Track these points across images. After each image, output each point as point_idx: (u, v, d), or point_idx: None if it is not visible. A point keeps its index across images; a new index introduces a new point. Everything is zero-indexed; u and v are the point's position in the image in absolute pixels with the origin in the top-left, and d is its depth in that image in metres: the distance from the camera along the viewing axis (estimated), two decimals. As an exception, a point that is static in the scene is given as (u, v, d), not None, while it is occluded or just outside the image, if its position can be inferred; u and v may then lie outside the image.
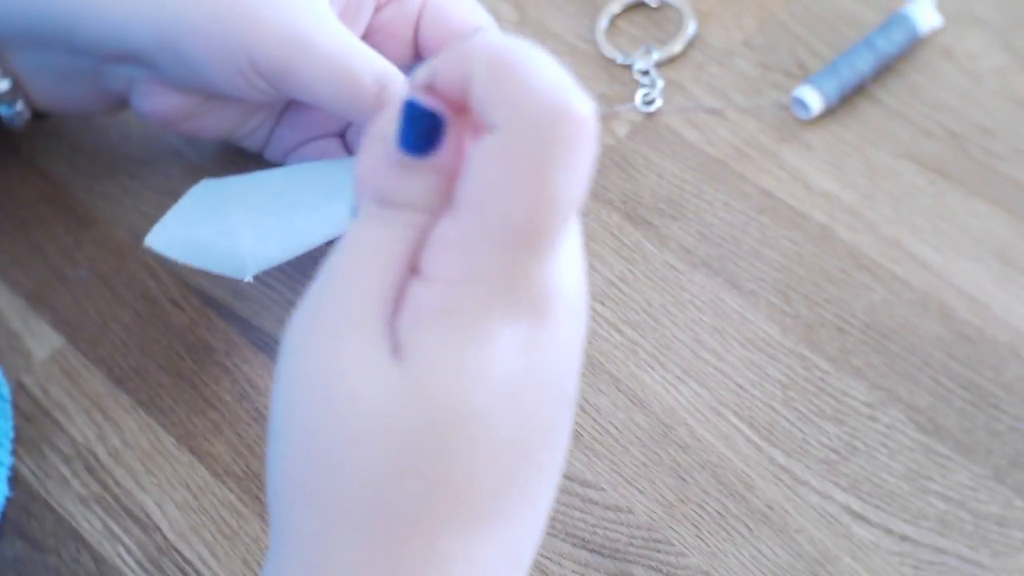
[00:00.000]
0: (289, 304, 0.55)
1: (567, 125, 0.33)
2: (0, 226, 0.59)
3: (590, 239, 0.56)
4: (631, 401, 0.52)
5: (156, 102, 0.53)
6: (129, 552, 0.50)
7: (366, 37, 0.53)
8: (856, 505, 0.49)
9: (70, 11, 0.50)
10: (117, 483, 0.51)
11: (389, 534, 0.34)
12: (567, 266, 0.35)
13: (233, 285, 0.56)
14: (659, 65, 0.60)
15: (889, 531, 0.48)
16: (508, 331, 0.34)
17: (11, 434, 0.52)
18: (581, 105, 0.33)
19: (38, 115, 0.56)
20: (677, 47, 0.61)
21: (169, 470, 0.51)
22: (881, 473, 0.49)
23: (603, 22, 0.62)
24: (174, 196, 0.59)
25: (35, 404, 0.53)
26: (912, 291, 0.54)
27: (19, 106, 0.55)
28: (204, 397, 0.53)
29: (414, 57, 0.54)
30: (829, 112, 0.59)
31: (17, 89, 0.54)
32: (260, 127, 0.56)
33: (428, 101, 0.35)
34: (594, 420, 0.51)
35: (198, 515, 0.50)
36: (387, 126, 0.36)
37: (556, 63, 0.34)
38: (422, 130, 0.35)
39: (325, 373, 0.34)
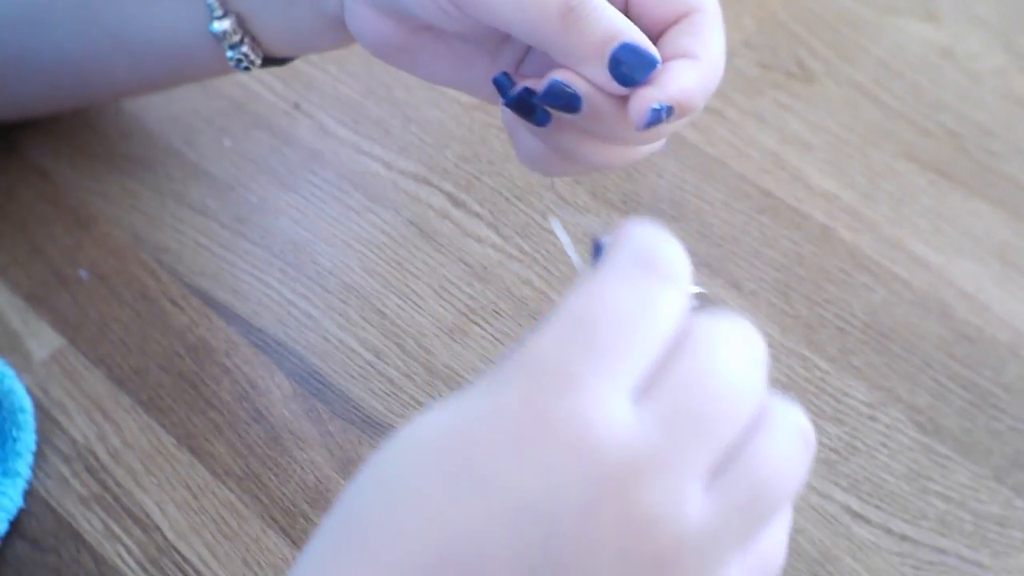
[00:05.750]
0: (289, 304, 0.55)
1: None
2: (0, 226, 0.59)
3: (589, 239, 0.56)
4: (631, 401, 0.52)
5: (364, 26, 0.50)
6: (129, 552, 0.50)
7: None
8: (856, 505, 0.49)
9: None
10: (117, 483, 0.51)
11: None
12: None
13: (233, 285, 0.56)
14: None
15: (889, 531, 0.48)
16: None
17: (33, 448, 0.52)
18: None
19: (268, 61, 0.55)
20: None
21: (169, 470, 0.51)
22: (881, 473, 0.49)
23: None
24: (174, 196, 0.59)
25: (35, 404, 0.53)
26: (912, 291, 0.54)
27: (245, 47, 0.53)
28: (204, 397, 0.53)
29: None
30: (829, 111, 0.59)
31: (242, 28, 0.53)
32: (485, 80, 0.50)
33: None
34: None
35: (198, 515, 0.50)
36: None
37: None
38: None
39: None
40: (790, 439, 0.35)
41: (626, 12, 0.47)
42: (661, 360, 0.34)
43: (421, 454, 0.34)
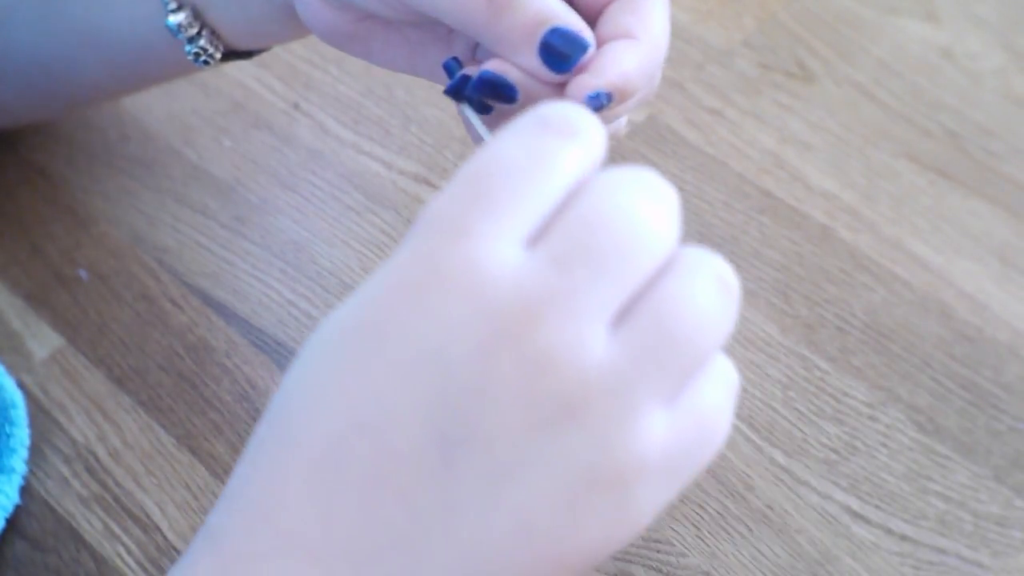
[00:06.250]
0: (289, 304, 0.55)
1: None
2: (0, 226, 0.59)
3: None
4: (631, 401, 0.52)
5: (312, 14, 0.49)
6: (129, 552, 0.50)
7: None
8: (856, 505, 0.49)
9: None
10: (117, 483, 0.51)
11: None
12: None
13: (233, 285, 0.56)
14: None
15: (889, 531, 0.48)
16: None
17: (27, 442, 0.52)
18: None
19: (231, 55, 0.54)
20: None
21: (169, 470, 0.51)
22: (881, 473, 0.49)
23: None
24: (174, 196, 0.59)
25: (35, 404, 0.53)
26: (912, 291, 0.54)
27: (203, 41, 0.52)
28: (204, 397, 0.53)
29: None
30: (829, 111, 0.59)
31: (199, 20, 0.52)
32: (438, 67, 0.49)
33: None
34: (594, 420, 0.51)
35: (198, 515, 0.50)
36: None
37: None
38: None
39: None
40: (705, 283, 0.33)
41: None
42: (558, 210, 0.33)
43: (329, 332, 0.34)
